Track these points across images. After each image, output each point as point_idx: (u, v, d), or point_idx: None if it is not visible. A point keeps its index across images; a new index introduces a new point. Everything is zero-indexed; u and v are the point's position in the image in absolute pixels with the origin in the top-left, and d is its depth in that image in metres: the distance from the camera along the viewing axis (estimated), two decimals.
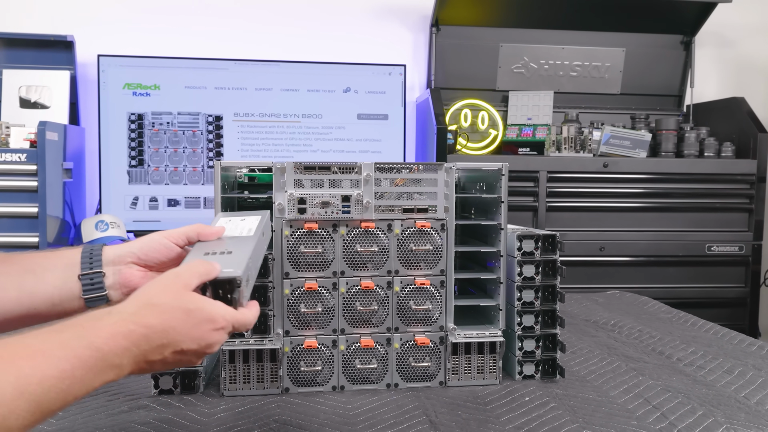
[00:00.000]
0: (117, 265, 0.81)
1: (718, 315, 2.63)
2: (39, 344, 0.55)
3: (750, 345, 1.30)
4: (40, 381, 0.53)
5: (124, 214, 2.63)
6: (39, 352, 0.54)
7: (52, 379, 0.54)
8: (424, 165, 1.02)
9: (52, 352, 0.55)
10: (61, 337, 0.57)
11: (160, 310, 0.62)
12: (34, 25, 2.72)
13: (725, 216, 2.68)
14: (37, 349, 0.55)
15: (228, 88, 2.70)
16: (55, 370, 0.54)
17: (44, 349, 0.55)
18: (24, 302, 0.76)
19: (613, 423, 0.88)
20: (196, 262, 0.69)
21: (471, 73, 2.97)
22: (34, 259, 0.80)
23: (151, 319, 0.62)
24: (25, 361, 0.53)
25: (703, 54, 3.15)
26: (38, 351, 0.54)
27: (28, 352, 0.54)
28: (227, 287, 0.70)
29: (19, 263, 0.79)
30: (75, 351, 0.56)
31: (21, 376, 0.52)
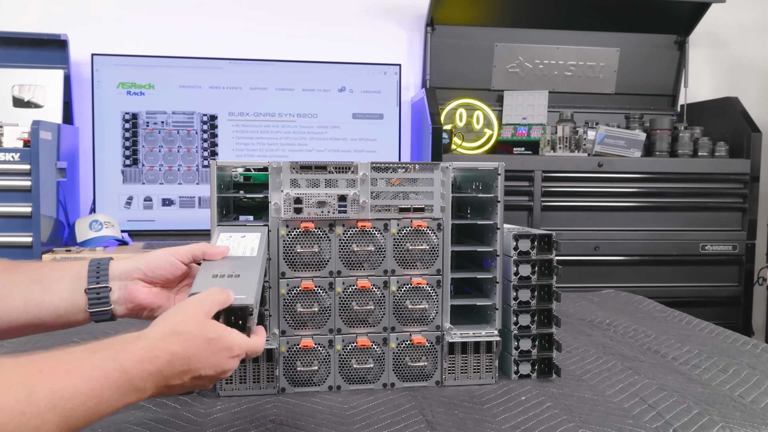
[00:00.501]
0: (123, 280, 0.82)
1: (712, 314, 2.64)
2: (75, 362, 0.57)
3: (744, 344, 1.31)
4: (71, 397, 0.54)
5: (119, 214, 2.62)
6: (74, 370, 0.56)
7: (82, 396, 0.55)
8: (421, 164, 1.02)
9: (86, 370, 0.57)
10: (94, 357, 0.59)
11: (184, 338, 0.65)
12: (28, 24, 2.70)
13: (719, 215, 2.69)
14: (72, 367, 0.56)
15: (223, 88, 2.70)
16: (86, 388, 0.56)
17: (79, 367, 0.57)
18: (30, 312, 0.77)
19: (610, 422, 0.88)
20: (214, 290, 0.73)
21: (466, 72, 2.97)
22: (41, 270, 0.81)
23: (176, 346, 0.64)
24: (61, 376, 0.55)
25: (696, 54, 3.17)
26: (73, 368, 0.56)
27: (65, 368, 0.56)
28: (239, 314, 0.74)
29: (26, 272, 0.79)
30: (106, 372, 0.58)
31: (56, 390, 0.53)
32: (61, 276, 0.80)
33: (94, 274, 0.81)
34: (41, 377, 0.53)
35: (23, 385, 0.52)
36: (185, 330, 0.66)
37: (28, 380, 0.52)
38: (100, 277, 0.81)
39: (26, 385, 0.52)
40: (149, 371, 0.62)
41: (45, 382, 0.53)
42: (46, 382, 0.53)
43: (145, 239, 2.62)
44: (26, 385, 0.52)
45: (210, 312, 0.70)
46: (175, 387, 0.66)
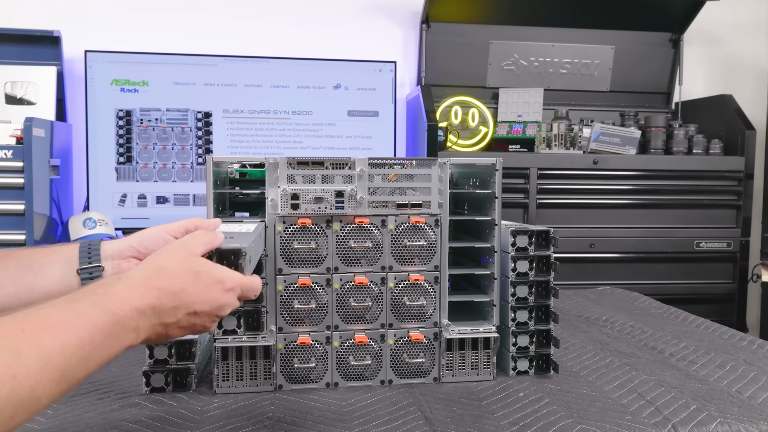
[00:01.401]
0: (116, 259, 0.81)
1: (707, 311, 2.65)
2: (57, 315, 0.56)
3: (740, 340, 1.31)
4: (61, 351, 0.53)
5: (113, 212, 2.60)
6: (58, 323, 0.55)
7: (72, 348, 0.54)
8: (418, 160, 1.01)
9: (70, 321, 0.56)
10: (76, 306, 0.58)
11: (170, 274, 0.65)
12: (20, 20, 2.68)
13: (713, 212, 2.70)
14: (56, 320, 0.55)
15: (217, 85, 2.68)
16: (75, 339, 0.55)
17: (63, 320, 0.55)
18: (23, 298, 0.76)
19: (608, 418, 0.88)
20: (199, 233, 0.72)
21: (461, 70, 2.97)
22: (31, 255, 0.80)
23: (161, 281, 0.64)
24: (46, 332, 0.53)
25: (691, 52, 3.17)
26: (57, 322, 0.55)
27: (48, 323, 0.54)
28: (232, 258, 0.73)
29: (16, 259, 0.79)
30: (92, 318, 0.57)
31: (43, 348, 0.52)
32: (52, 260, 0.79)
33: (85, 255, 0.80)
34: (25, 337, 0.52)
35: (8, 350, 0.50)
36: (169, 266, 0.66)
37: (13, 343, 0.51)
38: (92, 257, 0.80)
39: (11, 348, 0.50)
40: (138, 309, 0.61)
41: (30, 342, 0.52)
42: (31, 341, 0.52)
43: None
44: (11, 349, 0.50)
45: (194, 251, 0.69)
46: (172, 326, 0.65)
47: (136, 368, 1.06)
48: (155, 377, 0.97)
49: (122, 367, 1.09)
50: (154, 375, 0.97)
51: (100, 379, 1.03)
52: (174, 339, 0.71)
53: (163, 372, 0.97)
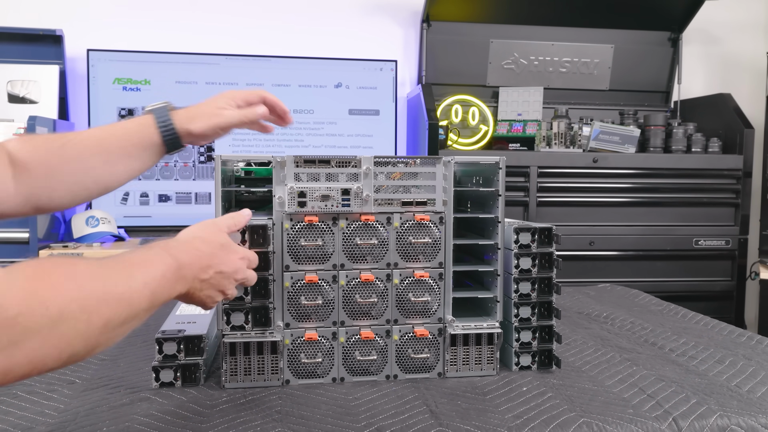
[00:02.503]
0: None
1: (705, 308, 2.66)
2: (145, 254, 0.71)
3: (739, 336, 1.33)
4: (153, 279, 0.69)
5: (115, 210, 2.62)
6: (147, 260, 0.70)
7: (154, 281, 0.69)
8: (422, 159, 1.03)
9: (153, 260, 0.71)
10: (150, 252, 0.72)
11: (204, 241, 0.81)
12: (22, 19, 2.69)
13: (712, 210, 2.72)
14: (146, 258, 0.70)
15: (219, 84, 2.70)
16: (158, 273, 0.70)
17: (149, 258, 0.71)
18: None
19: (610, 411, 0.90)
20: (227, 216, 0.90)
21: (461, 68, 2.98)
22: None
23: (200, 245, 0.80)
24: (138, 268, 0.68)
25: (690, 51, 3.19)
26: (146, 259, 0.70)
27: (142, 259, 0.70)
28: (260, 232, 0.97)
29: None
30: (164, 260, 0.72)
31: (147, 274, 0.68)
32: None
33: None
34: (129, 270, 0.67)
35: (124, 278, 0.65)
36: (204, 236, 0.82)
37: (123, 275, 0.66)
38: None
39: (125, 278, 0.65)
40: (188, 261, 0.76)
41: (133, 272, 0.67)
42: (135, 271, 0.67)
43: (142, 235, 2.62)
44: (125, 278, 0.66)
45: (221, 228, 0.85)
46: (205, 283, 0.79)
47: (145, 364, 1.08)
48: (164, 372, 0.98)
49: (131, 363, 1.10)
50: (164, 370, 0.98)
51: (109, 374, 1.04)
52: (200, 305, 0.81)
53: (172, 367, 0.98)
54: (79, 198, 0.92)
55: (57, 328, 0.57)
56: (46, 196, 0.89)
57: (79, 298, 0.59)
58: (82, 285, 0.60)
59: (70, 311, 0.58)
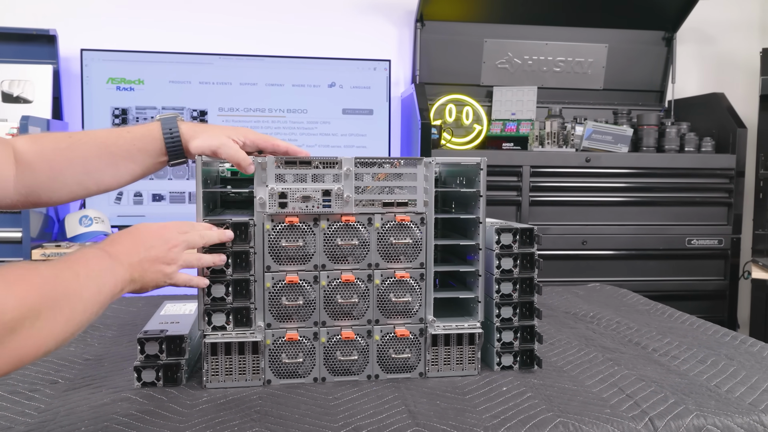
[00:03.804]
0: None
1: (698, 307, 2.68)
2: (82, 252, 0.76)
3: (724, 335, 1.33)
4: (93, 272, 0.75)
5: (108, 209, 2.62)
6: (84, 257, 0.76)
7: (96, 271, 0.75)
8: (404, 160, 1.03)
9: (87, 255, 0.77)
10: (86, 249, 0.78)
11: (137, 229, 0.86)
12: (16, 19, 2.69)
13: (705, 210, 2.72)
14: (82, 255, 0.76)
15: (213, 83, 2.70)
16: (95, 266, 0.76)
17: (84, 254, 0.76)
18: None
19: (587, 411, 0.90)
20: (188, 224, 0.93)
21: (455, 68, 2.99)
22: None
23: (131, 232, 0.85)
24: (78, 263, 0.74)
25: (684, 50, 3.19)
26: (83, 256, 0.76)
27: (80, 256, 0.75)
28: (242, 228, 0.98)
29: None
30: (96, 253, 0.79)
31: (87, 268, 0.74)
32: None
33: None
34: (71, 269, 0.72)
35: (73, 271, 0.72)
36: (141, 226, 0.87)
37: (67, 271, 0.71)
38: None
39: (72, 275, 0.71)
40: (117, 249, 0.81)
41: (74, 269, 0.73)
42: (75, 270, 0.73)
43: None
44: (72, 275, 0.71)
45: (168, 225, 0.90)
46: (144, 263, 0.84)
47: (128, 364, 1.08)
48: (146, 372, 0.99)
49: (115, 363, 1.11)
50: (145, 370, 0.99)
51: (92, 374, 1.05)
52: (154, 285, 0.86)
53: (154, 367, 0.99)
54: (77, 196, 0.98)
55: (35, 326, 0.63)
56: (47, 195, 0.94)
57: (50, 297, 0.66)
58: (49, 286, 0.66)
59: (45, 310, 0.64)
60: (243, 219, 0.98)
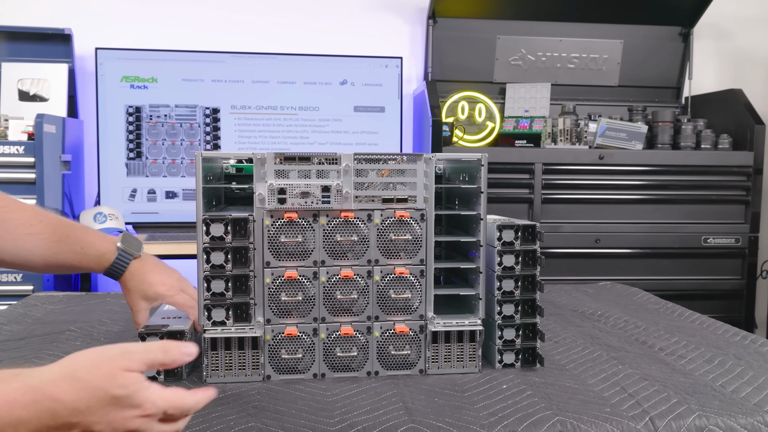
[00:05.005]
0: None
1: (715, 307, 2.64)
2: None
3: (734, 335, 1.31)
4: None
5: (123, 206, 2.65)
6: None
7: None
8: (404, 155, 1.03)
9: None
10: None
11: (81, 387, 0.57)
12: (33, 18, 2.73)
13: (722, 208, 2.68)
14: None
15: (225, 81, 2.72)
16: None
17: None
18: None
19: (587, 410, 0.89)
20: (154, 344, 0.66)
21: (468, 65, 2.97)
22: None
23: (66, 394, 0.56)
24: None
25: (701, 46, 3.14)
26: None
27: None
28: (242, 224, 0.98)
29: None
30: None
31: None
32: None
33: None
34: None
35: None
36: (87, 378, 0.57)
37: None
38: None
39: None
40: (21, 417, 0.54)
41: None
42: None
43: (149, 231, 2.65)
44: None
45: (130, 368, 0.60)
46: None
47: None
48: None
49: None
50: None
51: None
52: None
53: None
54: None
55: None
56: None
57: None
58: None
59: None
60: (242, 215, 0.98)
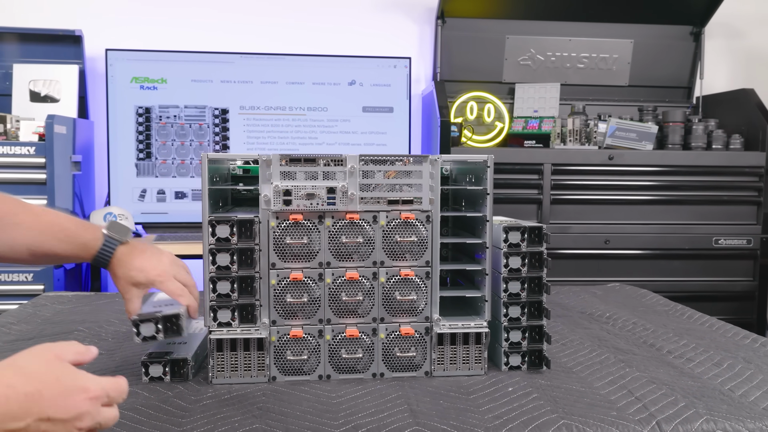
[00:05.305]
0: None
1: (726, 309, 2.62)
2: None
3: (744, 338, 1.30)
4: None
5: (133, 207, 2.67)
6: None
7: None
8: (409, 157, 1.02)
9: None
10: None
11: (27, 372, 0.59)
12: (44, 20, 2.75)
13: (733, 209, 2.65)
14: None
15: (234, 82, 2.73)
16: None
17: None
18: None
19: (593, 413, 0.89)
20: (74, 342, 0.67)
21: (477, 65, 2.96)
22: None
23: (16, 379, 0.58)
24: None
25: (712, 45, 3.12)
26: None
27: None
28: (247, 225, 0.98)
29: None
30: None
31: None
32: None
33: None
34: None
35: None
36: (28, 365, 0.60)
37: None
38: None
39: None
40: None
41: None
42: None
43: (158, 231, 2.66)
44: None
45: (61, 356, 0.63)
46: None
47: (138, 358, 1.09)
48: (153, 367, 1.00)
49: (126, 357, 1.13)
50: (153, 365, 1.00)
51: (102, 368, 1.06)
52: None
53: (161, 362, 1.00)
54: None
55: None
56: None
57: None
58: None
59: None
60: (248, 216, 0.98)
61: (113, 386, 0.65)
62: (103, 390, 0.63)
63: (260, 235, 0.99)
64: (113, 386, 0.65)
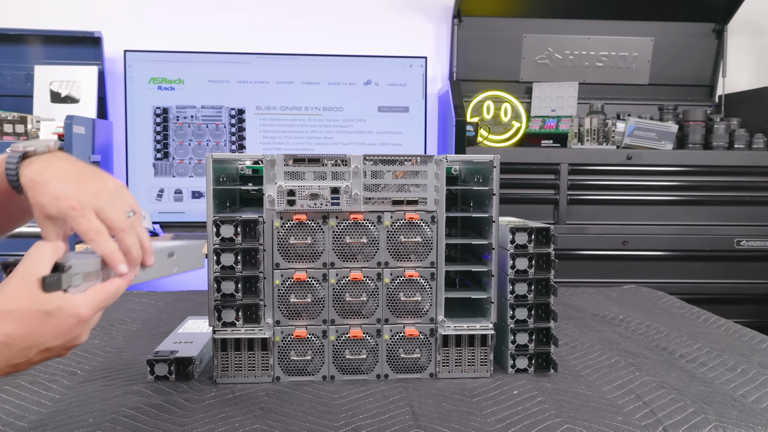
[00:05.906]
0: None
1: (747, 312, 2.56)
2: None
3: (760, 342, 1.27)
4: None
5: (150, 206, 2.69)
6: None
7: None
8: (414, 157, 1.02)
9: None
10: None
11: (17, 316, 0.61)
12: (64, 22, 2.79)
13: (756, 210, 2.60)
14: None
15: (250, 82, 2.74)
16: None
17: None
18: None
19: (598, 418, 0.87)
20: (38, 246, 0.65)
21: (494, 64, 2.94)
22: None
23: (10, 327, 0.60)
24: None
25: (735, 42, 3.05)
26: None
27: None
28: (251, 225, 0.94)
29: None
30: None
31: None
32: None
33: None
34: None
35: None
36: (16, 308, 0.61)
37: None
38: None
39: None
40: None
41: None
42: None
43: (175, 230, 2.69)
44: None
45: (37, 273, 0.62)
46: (21, 364, 0.63)
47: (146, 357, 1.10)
48: (159, 366, 1.01)
49: (134, 356, 1.14)
50: (158, 364, 1.01)
51: (110, 367, 1.07)
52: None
53: (166, 361, 1.01)
54: None
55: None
56: None
57: None
58: None
59: None
60: (252, 216, 0.98)
61: (102, 297, 0.66)
62: (95, 308, 0.65)
63: (264, 235, 0.99)
64: (102, 297, 0.66)
